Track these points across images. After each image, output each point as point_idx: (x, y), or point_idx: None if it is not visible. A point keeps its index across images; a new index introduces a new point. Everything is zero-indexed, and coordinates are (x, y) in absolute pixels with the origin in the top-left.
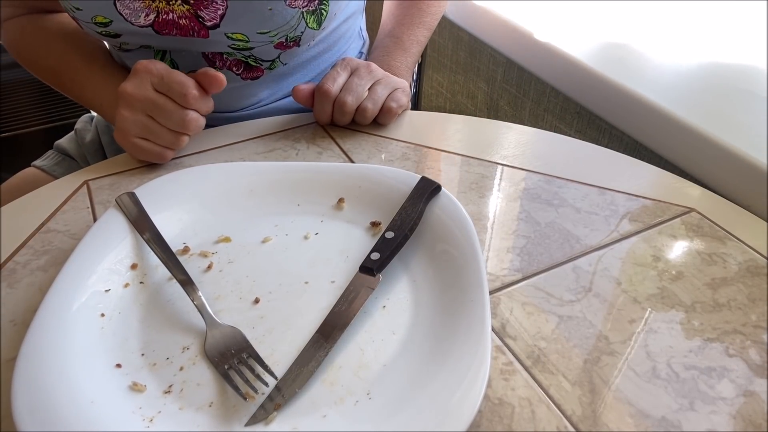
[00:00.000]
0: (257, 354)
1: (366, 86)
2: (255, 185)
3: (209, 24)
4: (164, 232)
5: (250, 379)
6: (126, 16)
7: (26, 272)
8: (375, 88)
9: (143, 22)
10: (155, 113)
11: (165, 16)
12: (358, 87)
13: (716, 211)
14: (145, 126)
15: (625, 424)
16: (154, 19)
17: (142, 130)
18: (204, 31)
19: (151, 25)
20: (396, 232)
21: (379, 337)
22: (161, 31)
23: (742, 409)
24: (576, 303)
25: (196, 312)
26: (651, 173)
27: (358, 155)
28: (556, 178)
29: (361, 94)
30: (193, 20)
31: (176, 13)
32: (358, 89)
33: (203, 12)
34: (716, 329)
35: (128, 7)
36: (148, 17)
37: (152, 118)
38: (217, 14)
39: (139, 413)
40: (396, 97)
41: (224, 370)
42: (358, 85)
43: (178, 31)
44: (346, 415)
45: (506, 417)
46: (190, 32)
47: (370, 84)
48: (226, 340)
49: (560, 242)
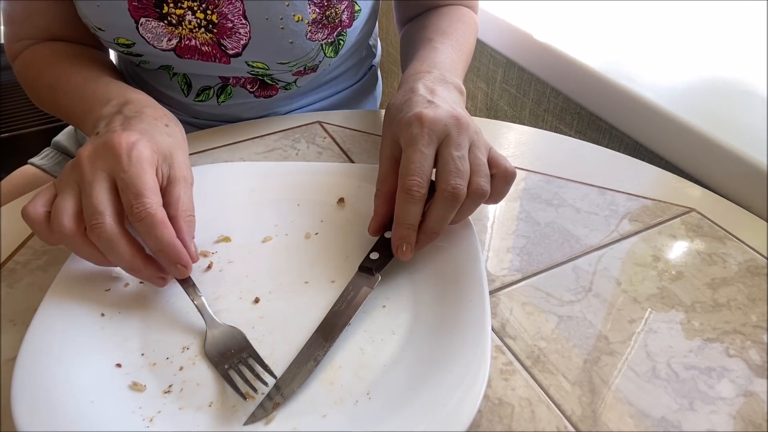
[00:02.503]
0: (257, 354)
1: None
2: (255, 185)
3: (231, 52)
4: None
5: (249, 379)
6: (148, 40)
7: (26, 272)
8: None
9: (165, 47)
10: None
11: (187, 42)
12: (481, 166)
13: (716, 211)
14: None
15: (625, 424)
16: (177, 44)
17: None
18: (225, 59)
19: (173, 50)
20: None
21: (379, 337)
22: (183, 56)
23: (742, 409)
24: (576, 303)
25: (196, 312)
26: (651, 173)
27: (358, 155)
28: (556, 178)
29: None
30: (215, 48)
31: (199, 41)
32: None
33: (226, 41)
34: (716, 329)
35: (151, 31)
36: (171, 42)
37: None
38: (239, 44)
39: (139, 413)
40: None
41: (224, 370)
42: (479, 163)
43: (200, 57)
44: (346, 415)
45: (506, 417)
46: (211, 58)
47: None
48: (226, 340)
49: (560, 242)
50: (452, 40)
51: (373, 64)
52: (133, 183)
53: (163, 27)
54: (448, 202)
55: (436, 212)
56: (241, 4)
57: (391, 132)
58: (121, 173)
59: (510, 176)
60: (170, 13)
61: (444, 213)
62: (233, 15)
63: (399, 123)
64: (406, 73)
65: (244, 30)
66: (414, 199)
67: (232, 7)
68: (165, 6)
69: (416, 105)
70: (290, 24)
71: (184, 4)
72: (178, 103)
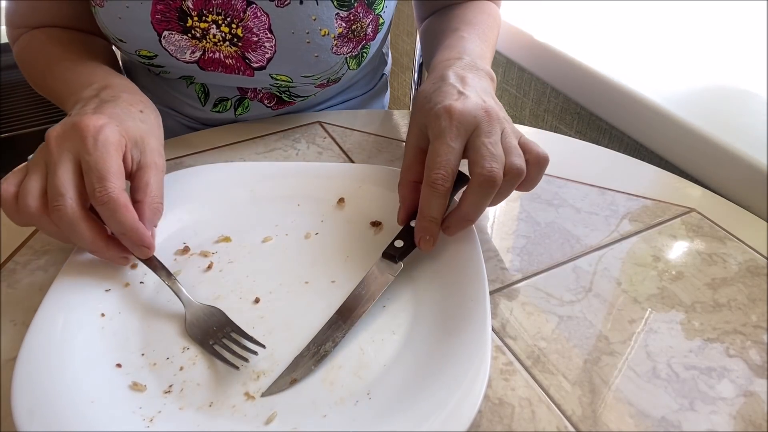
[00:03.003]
0: (240, 328)
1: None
2: (255, 185)
3: (256, 66)
4: (164, 232)
5: (238, 351)
6: (171, 52)
7: (26, 272)
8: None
9: (189, 59)
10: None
11: (211, 55)
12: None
13: (716, 211)
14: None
15: (625, 424)
16: (200, 57)
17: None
18: (249, 72)
19: (197, 62)
20: None
21: (379, 337)
22: (206, 68)
23: (742, 409)
24: (576, 303)
25: None
26: (651, 173)
27: (358, 155)
28: (556, 178)
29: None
30: (239, 61)
31: (223, 53)
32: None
33: (250, 54)
34: (716, 329)
35: (174, 44)
36: (194, 54)
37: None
38: (264, 57)
39: (139, 413)
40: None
41: (210, 346)
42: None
43: (224, 69)
44: (346, 415)
45: (506, 417)
46: (235, 71)
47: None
48: (206, 319)
49: (560, 242)
50: (478, 30)
51: (384, 73)
52: (97, 166)
53: (186, 40)
54: (484, 186)
55: (472, 197)
56: (267, 18)
57: (419, 122)
58: (86, 155)
59: (543, 161)
60: (194, 26)
61: (480, 198)
62: (258, 29)
63: (428, 113)
64: (435, 60)
65: (270, 44)
66: (438, 193)
67: (257, 21)
68: (189, 19)
69: (446, 96)
70: (316, 38)
71: (208, 18)
72: (194, 111)
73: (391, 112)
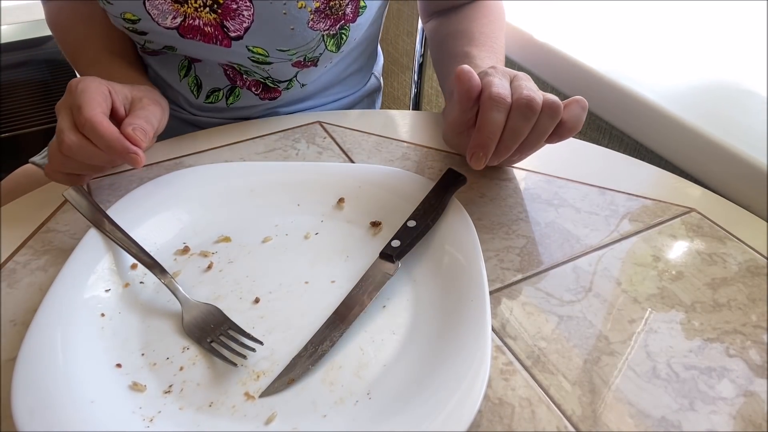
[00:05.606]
0: (237, 325)
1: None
2: (255, 185)
3: (233, 35)
4: (164, 232)
5: (236, 348)
6: (153, 17)
7: (26, 272)
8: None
9: (169, 24)
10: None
11: (191, 21)
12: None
13: (716, 211)
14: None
15: (625, 424)
16: (180, 23)
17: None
18: (227, 41)
19: (177, 28)
20: (418, 222)
21: (379, 337)
22: (186, 35)
23: (742, 409)
24: (576, 303)
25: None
26: (651, 173)
27: (358, 155)
28: (556, 178)
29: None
30: (217, 29)
31: (203, 20)
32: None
33: (229, 23)
34: (716, 329)
35: (157, 8)
36: (175, 20)
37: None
38: (242, 27)
39: (139, 413)
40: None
41: (208, 344)
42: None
43: (202, 38)
44: (346, 415)
45: (506, 417)
46: (213, 40)
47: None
48: (204, 317)
49: (560, 242)
50: (487, 46)
51: (374, 72)
52: (76, 102)
53: (169, 4)
54: (523, 110)
55: (513, 122)
56: None
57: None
58: (71, 101)
59: (582, 102)
60: None
61: (521, 123)
62: None
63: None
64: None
65: (248, 12)
66: (499, 107)
67: None
68: None
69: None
70: (293, 10)
71: None
72: (190, 104)
73: (392, 113)
